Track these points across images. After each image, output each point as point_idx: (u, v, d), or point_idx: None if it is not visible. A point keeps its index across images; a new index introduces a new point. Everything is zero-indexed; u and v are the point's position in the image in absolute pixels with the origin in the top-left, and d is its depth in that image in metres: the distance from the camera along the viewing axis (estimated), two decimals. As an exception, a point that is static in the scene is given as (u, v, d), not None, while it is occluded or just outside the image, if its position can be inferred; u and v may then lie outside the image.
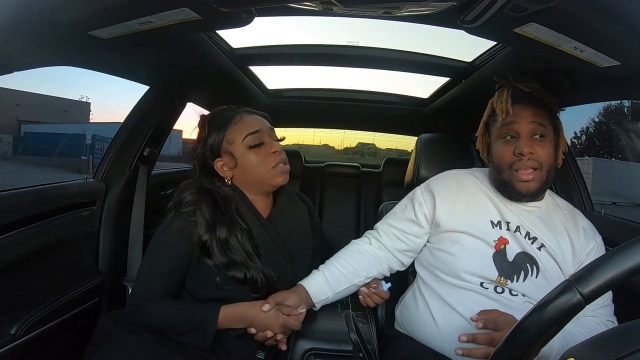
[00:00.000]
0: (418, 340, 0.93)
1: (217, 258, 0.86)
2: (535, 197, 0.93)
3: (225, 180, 0.94)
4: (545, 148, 0.89)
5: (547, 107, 0.93)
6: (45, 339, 0.99)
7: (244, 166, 0.93)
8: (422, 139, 1.36)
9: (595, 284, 0.41)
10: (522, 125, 0.90)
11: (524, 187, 0.90)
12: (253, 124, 0.95)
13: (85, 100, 15.92)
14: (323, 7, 0.78)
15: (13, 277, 0.96)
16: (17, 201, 1.00)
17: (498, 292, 0.87)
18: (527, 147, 0.88)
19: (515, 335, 0.45)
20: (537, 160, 0.89)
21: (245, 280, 0.86)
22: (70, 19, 0.75)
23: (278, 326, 0.83)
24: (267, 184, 0.95)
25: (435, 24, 1.05)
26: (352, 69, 1.69)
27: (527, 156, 0.88)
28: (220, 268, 0.86)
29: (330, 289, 0.94)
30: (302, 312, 0.87)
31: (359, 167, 2.41)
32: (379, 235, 1.03)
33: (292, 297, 0.88)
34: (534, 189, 0.90)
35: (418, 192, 1.03)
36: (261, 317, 0.83)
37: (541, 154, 0.89)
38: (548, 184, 0.93)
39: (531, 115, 0.90)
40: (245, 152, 0.93)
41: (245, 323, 0.84)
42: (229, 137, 0.93)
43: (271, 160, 0.93)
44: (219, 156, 0.94)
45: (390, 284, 0.97)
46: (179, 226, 0.87)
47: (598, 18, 0.64)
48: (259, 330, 0.84)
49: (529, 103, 0.92)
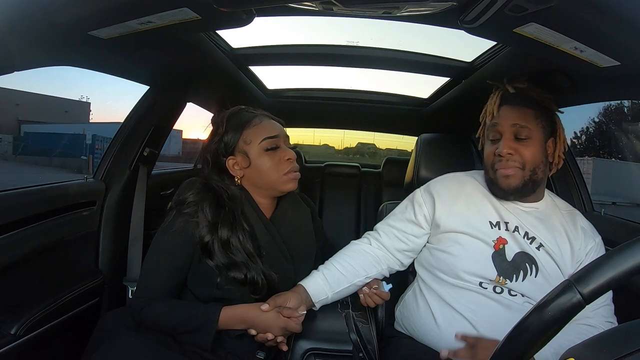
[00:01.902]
0: (418, 340, 0.94)
1: (218, 259, 0.86)
2: (522, 194, 0.93)
3: (234, 179, 0.95)
4: (529, 149, 0.90)
5: (540, 106, 0.93)
6: (45, 339, 0.99)
7: (256, 168, 0.94)
8: (422, 139, 1.36)
9: (595, 284, 0.41)
10: (504, 126, 0.92)
11: (504, 183, 0.91)
12: (272, 129, 0.96)
13: (85, 100, 15.94)
14: (323, 7, 0.78)
15: (13, 277, 0.96)
16: (17, 201, 1.00)
17: (497, 292, 0.87)
18: (505, 149, 0.90)
19: (515, 335, 0.45)
20: (519, 160, 0.90)
21: (246, 281, 0.86)
22: (70, 18, 0.75)
23: (279, 329, 0.84)
24: (276, 189, 0.96)
25: (435, 24, 1.05)
26: (352, 69, 1.69)
27: (505, 157, 0.90)
28: (221, 268, 0.86)
29: (330, 289, 0.94)
30: (302, 314, 0.87)
31: (358, 167, 2.41)
32: (378, 235, 1.04)
33: (292, 298, 0.89)
34: (515, 185, 0.91)
35: (418, 194, 1.04)
36: (262, 319, 0.84)
37: (525, 154, 0.90)
38: (535, 183, 0.92)
39: (514, 117, 0.91)
40: (261, 154, 0.93)
41: (246, 324, 0.84)
42: (246, 137, 0.94)
43: (284, 167, 0.94)
44: (233, 154, 0.95)
45: (392, 285, 0.97)
46: (180, 227, 0.87)
47: (598, 18, 0.64)
48: (260, 332, 0.84)
49: (517, 104, 0.93)
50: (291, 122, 2.37)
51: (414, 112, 1.98)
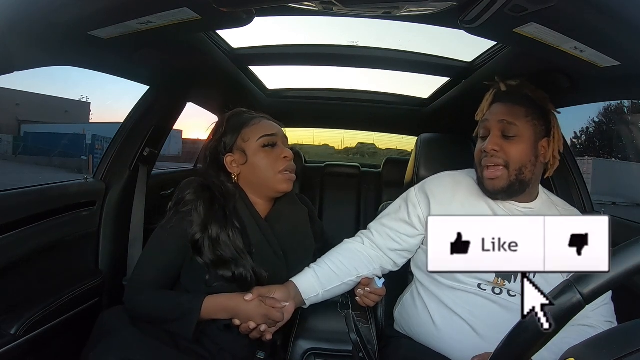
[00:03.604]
0: (417, 341, 0.93)
1: (207, 256, 0.87)
2: (509, 194, 0.92)
3: (231, 177, 0.97)
4: (515, 147, 0.89)
5: (533, 105, 0.92)
6: (45, 338, 0.99)
7: (253, 165, 0.95)
8: (422, 139, 1.35)
9: (595, 284, 0.41)
10: (492, 122, 0.92)
11: (490, 185, 0.91)
12: (270, 127, 0.98)
13: (85, 100, 15.92)
14: (323, 7, 0.78)
15: (13, 277, 0.96)
16: (17, 201, 1.00)
17: (496, 293, 0.87)
18: (490, 145, 0.90)
19: (515, 335, 0.45)
20: (504, 158, 0.89)
21: (234, 278, 0.87)
22: (70, 18, 0.75)
23: (260, 316, 0.84)
24: (271, 188, 0.97)
25: (435, 24, 1.05)
26: (352, 69, 1.69)
27: (490, 153, 0.90)
28: (210, 266, 0.88)
29: (321, 287, 0.94)
30: (286, 305, 0.88)
31: (358, 167, 2.41)
32: (371, 234, 1.03)
33: (278, 291, 0.89)
34: (500, 187, 0.90)
35: (412, 194, 1.02)
36: (244, 308, 0.84)
37: (510, 152, 0.89)
38: (523, 183, 0.91)
39: (503, 113, 0.91)
40: (258, 151, 0.95)
41: (229, 313, 0.85)
42: (244, 135, 0.96)
43: (280, 164, 0.95)
44: (231, 152, 0.97)
45: (384, 279, 0.96)
46: (176, 224, 0.89)
47: (598, 18, 0.64)
48: (242, 322, 0.84)
49: (508, 101, 0.92)
50: (291, 122, 2.37)
51: (414, 112, 1.98)
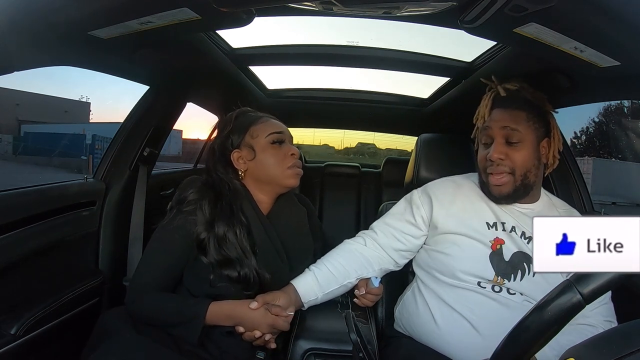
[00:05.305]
0: (418, 340, 0.94)
1: (212, 256, 0.87)
2: (514, 199, 0.93)
3: (238, 173, 0.97)
4: (520, 153, 0.91)
5: (533, 107, 0.93)
6: (45, 339, 0.99)
7: (261, 161, 0.95)
8: (422, 139, 1.35)
9: (595, 284, 0.41)
10: (495, 130, 0.93)
11: (496, 191, 0.93)
12: (279, 126, 1.00)
13: (85, 100, 15.92)
14: (323, 7, 0.78)
15: (13, 277, 0.96)
16: (17, 201, 1.00)
17: (495, 291, 0.87)
18: (496, 154, 0.91)
19: (515, 335, 0.45)
20: (510, 165, 0.91)
21: (239, 279, 0.87)
22: (70, 18, 0.75)
23: (266, 326, 0.83)
24: (278, 184, 0.97)
25: (435, 24, 1.05)
26: (352, 69, 1.69)
27: (496, 162, 0.91)
28: (215, 266, 0.87)
29: (320, 290, 0.94)
30: (291, 315, 0.87)
31: (358, 167, 2.41)
32: (375, 234, 1.03)
33: (281, 297, 0.88)
34: (506, 192, 0.92)
35: (415, 195, 1.04)
36: (249, 316, 0.83)
37: (515, 159, 0.90)
38: (528, 187, 0.93)
39: (505, 120, 0.91)
40: (267, 147, 0.96)
41: (234, 321, 0.84)
42: (253, 132, 0.97)
43: (288, 161, 0.96)
44: (239, 148, 0.97)
45: (380, 278, 0.96)
46: (178, 224, 0.88)
47: (598, 18, 0.64)
48: (247, 330, 0.83)
49: (508, 106, 0.93)
50: (291, 122, 2.36)
51: (414, 112, 1.98)
